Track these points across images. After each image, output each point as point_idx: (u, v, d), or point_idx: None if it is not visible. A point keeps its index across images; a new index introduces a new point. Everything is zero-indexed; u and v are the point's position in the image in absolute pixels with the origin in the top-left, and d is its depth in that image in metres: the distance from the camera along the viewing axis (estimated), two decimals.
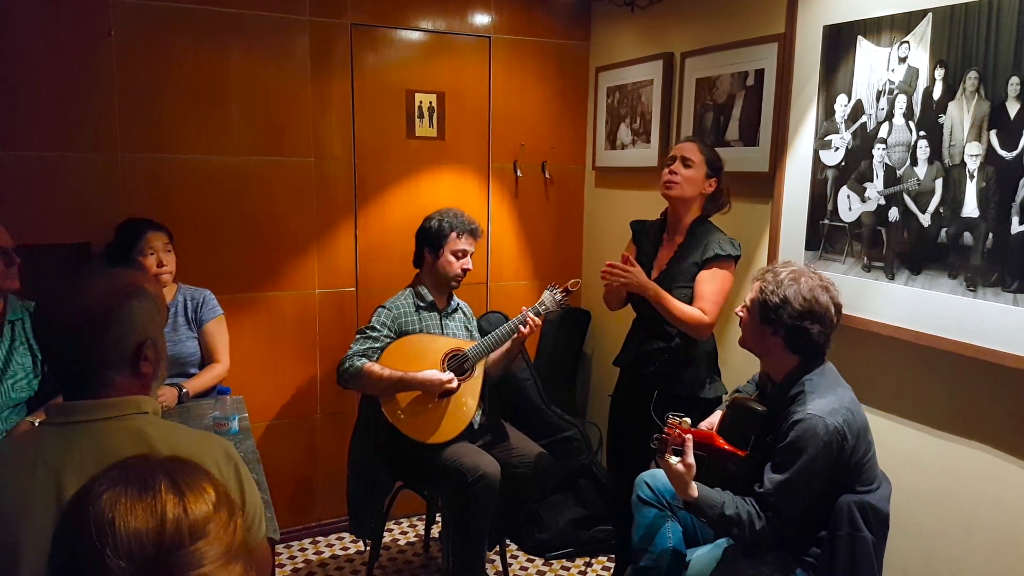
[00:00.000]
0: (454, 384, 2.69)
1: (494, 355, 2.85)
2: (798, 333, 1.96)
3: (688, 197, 2.55)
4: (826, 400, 1.92)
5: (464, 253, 2.81)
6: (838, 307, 1.99)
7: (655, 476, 2.29)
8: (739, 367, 2.78)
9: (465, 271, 2.83)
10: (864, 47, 2.29)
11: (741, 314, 2.12)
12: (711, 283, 2.48)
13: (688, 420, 2.03)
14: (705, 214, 2.60)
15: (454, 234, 2.78)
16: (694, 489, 1.95)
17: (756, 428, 2.07)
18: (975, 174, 1.98)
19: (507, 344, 2.79)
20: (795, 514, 1.92)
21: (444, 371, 2.71)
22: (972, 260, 2.01)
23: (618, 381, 2.81)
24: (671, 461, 1.97)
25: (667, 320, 2.48)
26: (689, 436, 2.00)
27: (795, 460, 1.88)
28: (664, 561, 2.18)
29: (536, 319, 2.72)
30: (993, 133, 1.93)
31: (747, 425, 2.10)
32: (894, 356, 2.28)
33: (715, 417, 2.32)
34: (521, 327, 2.71)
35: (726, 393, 2.62)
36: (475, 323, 3.05)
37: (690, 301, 2.48)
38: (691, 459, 1.96)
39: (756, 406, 2.11)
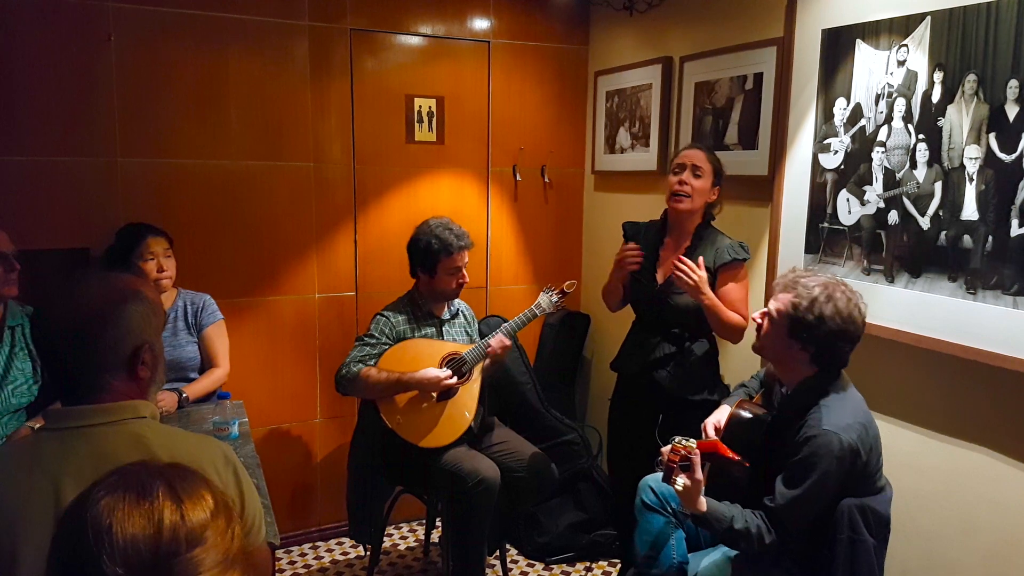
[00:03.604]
0: (453, 381, 2.68)
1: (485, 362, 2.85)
2: (828, 351, 1.95)
3: (697, 209, 2.54)
4: (841, 414, 1.90)
5: (458, 269, 2.76)
6: (865, 323, 1.97)
7: (659, 481, 2.28)
8: (737, 368, 2.77)
9: (461, 285, 2.81)
10: (863, 50, 2.29)
11: (760, 321, 2.07)
12: (739, 290, 2.51)
13: (693, 442, 1.99)
14: (708, 218, 2.60)
15: (446, 256, 2.72)
16: (703, 504, 1.94)
17: (760, 435, 2.07)
18: (974, 177, 1.98)
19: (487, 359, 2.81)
20: (803, 527, 1.91)
21: (441, 369, 2.71)
22: (972, 263, 2.00)
23: (618, 386, 2.80)
24: (678, 486, 1.93)
25: (674, 323, 2.52)
26: (696, 453, 1.96)
27: (808, 476, 1.86)
28: (669, 574, 2.16)
29: (505, 341, 2.75)
30: (992, 136, 1.93)
31: (752, 432, 2.09)
32: (894, 359, 2.28)
33: (721, 412, 2.29)
34: (491, 343, 2.75)
35: (728, 393, 2.62)
36: (476, 326, 3.04)
37: (695, 306, 2.47)
38: (699, 474, 1.93)
39: (760, 413, 2.10)
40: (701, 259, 2.46)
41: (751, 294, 2.82)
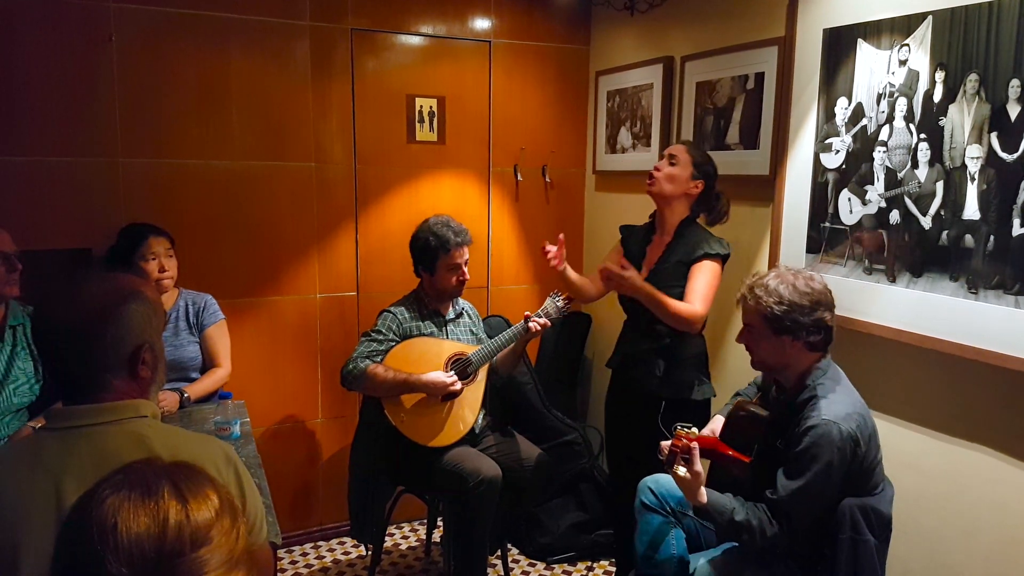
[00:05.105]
0: (458, 387, 2.69)
1: (502, 352, 2.84)
2: (816, 327, 1.95)
3: (669, 194, 2.55)
4: (839, 404, 1.91)
5: (458, 266, 2.77)
6: (825, 284, 2.01)
7: (658, 481, 2.28)
8: (737, 368, 2.77)
9: (462, 282, 2.82)
10: (864, 50, 2.29)
11: (743, 341, 2.07)
12: (699, 279, 2.48)
13: (695, 430, 2.01)
14: (693, 216, 2.59)
15: (444, 252, 2.73)
16: (703, 495, 1.95)
17: (760, 433, 2.07)
18: (976, 176, 1.98)
19: (513, 343, 2.79)
20: (808, 521, 1.91)
21: (448, 374, 2.71)
22: (973, 263, 2.00)
23: (610, 384, 2.81)
24: (680, 472, 1.96)
25: (658, 319, 2.47)
26: (695, 444, 1.98)
27: (810, 466, 1.87)
28: (669, 570, 2.16)
29: (543, 320, 2.72)
30: (994, 135, 1.93)
31: (751, 430, 2.09)
32: (895, 359, 2.28)
33: (716, 423, 2.31)
34: (531, 325, 2.71)
35: (714, 396, 2.63)
36: (481, 325, 3.04)
37: (680, 299, 2.47)
38: (698, 466, 1.95)
39: (760, 411, 2.11)
40: (620, 259, 2.55)
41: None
